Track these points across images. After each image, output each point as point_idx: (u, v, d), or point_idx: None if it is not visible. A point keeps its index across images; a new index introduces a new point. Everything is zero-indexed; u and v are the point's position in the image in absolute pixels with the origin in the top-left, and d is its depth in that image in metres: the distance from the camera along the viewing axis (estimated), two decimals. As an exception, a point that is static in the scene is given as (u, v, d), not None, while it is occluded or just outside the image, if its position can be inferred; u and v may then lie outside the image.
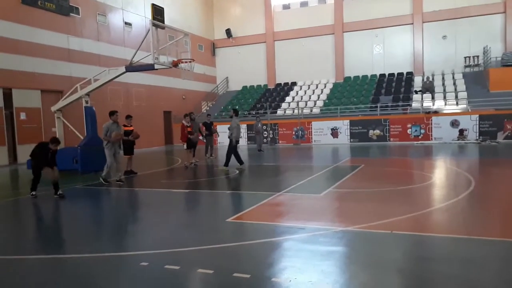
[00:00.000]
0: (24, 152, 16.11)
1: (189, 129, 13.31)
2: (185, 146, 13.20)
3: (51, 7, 18.04)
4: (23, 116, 16.85)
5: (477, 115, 19.43)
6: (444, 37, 25.90)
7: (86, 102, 13.43)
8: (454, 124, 19.69)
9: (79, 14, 19.76)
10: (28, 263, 4.56)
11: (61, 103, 14.07)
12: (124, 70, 13.12)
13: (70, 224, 6.56)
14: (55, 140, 8.46)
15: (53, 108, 14.19)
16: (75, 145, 13.15)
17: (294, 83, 29.47)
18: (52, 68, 18.21)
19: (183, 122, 13.44)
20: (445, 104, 22.08)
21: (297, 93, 28.08)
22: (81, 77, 16.45)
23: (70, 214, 7.39)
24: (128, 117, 12.19)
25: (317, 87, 28.28)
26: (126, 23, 22.76)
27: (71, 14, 19.21)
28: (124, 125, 11.86)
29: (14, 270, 4.32)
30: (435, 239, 4.91)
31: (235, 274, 3.83)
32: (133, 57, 12.94)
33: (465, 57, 25.28)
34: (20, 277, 4.13)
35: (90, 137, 13.14)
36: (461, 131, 19.63)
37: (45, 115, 17.26)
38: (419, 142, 20.16)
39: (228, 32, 30.96)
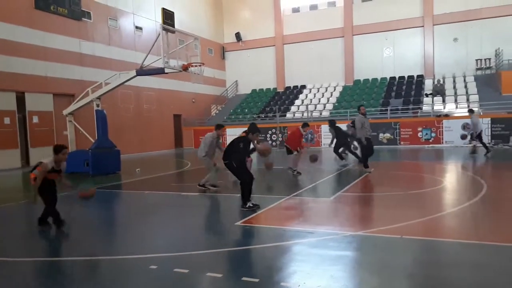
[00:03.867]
0: (37, 155, 16.35)
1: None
2: (294, 152, 11.44)
3: (63, 12, 18.30)
4: (35, 119, 17.09)
5: (489, 119, 19.19)
6: (455, 39, 25.65)
7: (97, 105, 13.60)
8: (466, 127, 19.46)
9: (90, 19, 20.01)
10: (39, 266, 4.61)
11: (73, 107, 14.26)
12: (134, 74, 13.24)
13: (79, 226, 6.62)
14: (256, 129, 7.29)
15: (65, 112, 14.37)
16: (86, 148, 13.30)
17: (303, 86, 29.44)
18: (64, 72, 18.45)
19: (301, 129, 11.59)
20: (456, 107, 21.84)
21: (306, 96, 28.03)
22: (93, 80, 16.66)
23: (79, 216, 7.46)
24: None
25: (326, 90, 28.20)
26: (136, 27, 22.98)
27: (83, 18, 19.46)
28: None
29: (30, 272, 4.37)
30: (446, 244, 4.86)
31: (244, 278, 3.84)
32: (144, 61, 13.05)
33: (476, 60, 24.99)
34: (32, 279, 4.18)
35: (101, 140, 13.29)
36: (472, 135, 19.37)
37: (57, 118, 17.48)
38: (430, 145, 19.97)
39: (237, 35, 31.06)
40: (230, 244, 5.19)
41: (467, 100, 22.36)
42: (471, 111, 15.61)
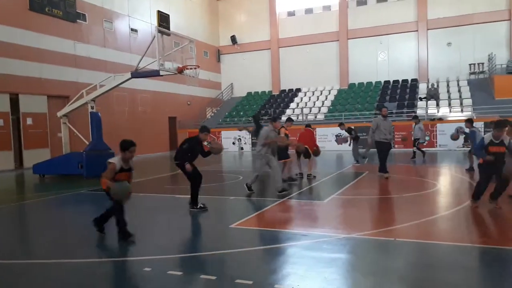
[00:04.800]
0: (30, 157, 16.28)
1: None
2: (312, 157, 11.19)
3: (58, 14, 18.24)
4: (29, 121, 17.00)
5: (482, 122, 19.33)
6: (449, 44, 25.88)
7: (92, 107, 13.55)
8: (459, 131, 19.58)
9: (85, 21, 19.96)
10: (33, 268, 4.59)
11: (67, 109, 14.20)
12: (129, 76, 13.23)
13: (73, 229, 6.60)
14: (205, 129, 7.29)
15: (59, 114, 14.31)
16: (80, 150, 13.25)
17: (298, 90, 29.53)
18: (59, 73, 18.38)
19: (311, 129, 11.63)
20: (450, 111, 22.01)
21: (301, 100, 28.12)
22: (87, 82, 16.59)
23: (74, 219, 7.43)
24: (290, 120, 11.01)
25: (321, 94, 28.31)
26: (132, 29, 22.96)
27: (78, 20, 19.41)
28: (284, 128, 10.50)
29: (23, 275, 4.35)
30: (439, 246, 4.89)
31: (237, 281, 3.84)
32: (139, 63, 13.04)
33: (470, 64, 25.22)
34: (25, 282, 4.16)
35: (95, 142, 13.24)
36: (466, 139, 19.50)
37: (51, 120, 17.41)
38: (424, 149, 20.06)
39: (233, 38, 31.12)
40: (224, 246, 5.19)
41: (461, 104, 22.54)
42: (415, 117, 16.45)
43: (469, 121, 11.41)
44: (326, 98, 27.49)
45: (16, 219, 7.72)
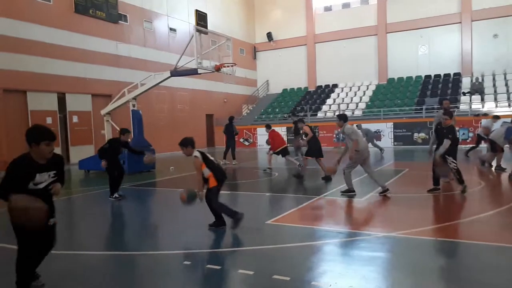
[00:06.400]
0: (76, 153, 17.07)
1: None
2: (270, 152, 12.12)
3: (102, 15, 18.96)
4: (75, 119, 17.82)
5: (532, 118, 18.32)
6: (495, 35, 24.64)
7: (133, 105, 14.02)
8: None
9: (127, 22, 20.62)
10: (80, 259, 4.84)
11: (110, 107, 14.76)
12: (169, 74, 13.56)
13: (115, 223, 6.88)
14: (125, 130, 8.50)
15: (103, 112, 14.90)
16: (122, 147, 13.72)
17: (335, 85, 29.13)
18: (102, 73, 19.11)
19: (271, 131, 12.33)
20: (496, 106, 20.99)
21: (338, 95, 27.74)
22: (129, 81, 17.15)
23: (116, 213, 7.75)
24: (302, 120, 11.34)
25: (359, 89, 27.80)
26: (171, 29, 23.48)
27: (119, 21, 20.08)
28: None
29: (72, 265, 4.60)
30: (481, 247, 4.72)
31: (275, 276, 3.89)
32: (178, 62, 13.33)
33: (518, 56, 23.93)
34: (75, 272, 4.40)
35: (137, 139, 13.69)
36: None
37: (95, 118, 18.16)
38: (468, 145, 19.27)
39: (269, 35, 31.12)
40: (261, 242, 5.25)
41: (508, 98, 21.45)
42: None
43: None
44: (364, 94, 26.96)
45: (64, 212, 8.14)
